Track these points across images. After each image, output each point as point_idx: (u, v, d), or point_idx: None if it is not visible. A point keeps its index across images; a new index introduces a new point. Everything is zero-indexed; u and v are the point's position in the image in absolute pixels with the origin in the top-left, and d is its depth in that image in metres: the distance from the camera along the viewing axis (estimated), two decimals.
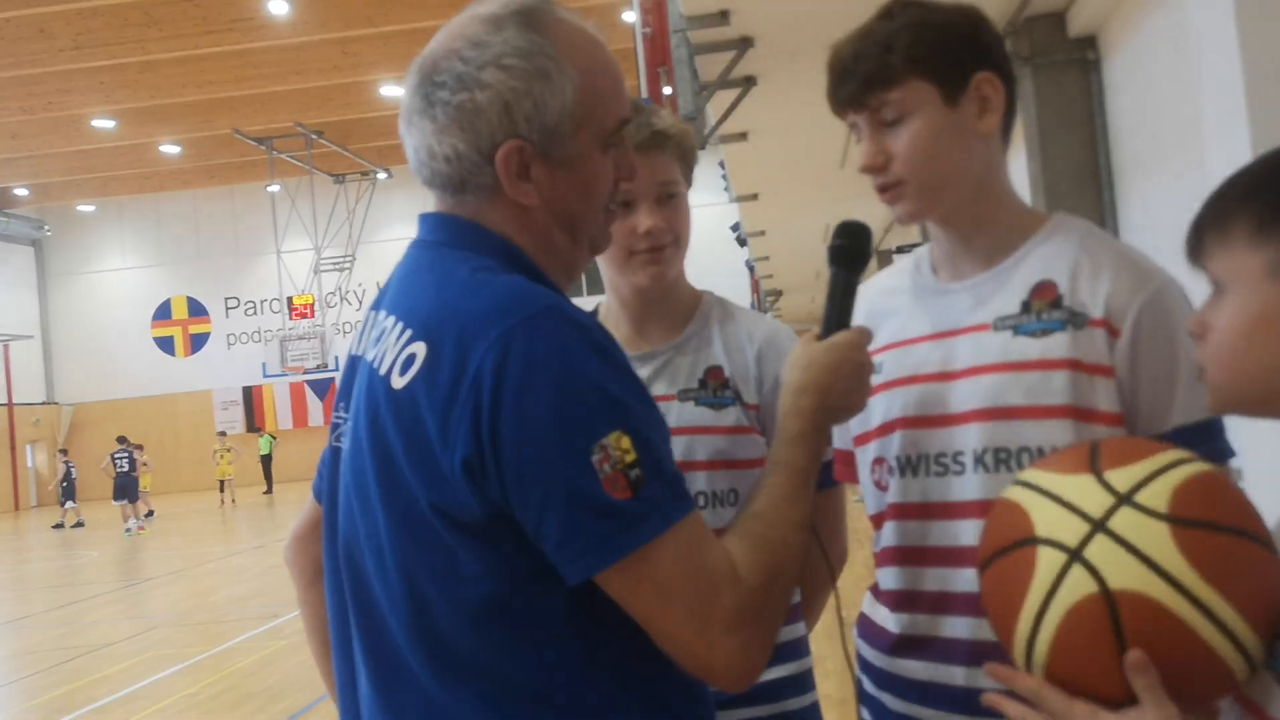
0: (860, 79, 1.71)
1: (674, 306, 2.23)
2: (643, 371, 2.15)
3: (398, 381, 1.44)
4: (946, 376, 1.77)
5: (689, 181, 2.21)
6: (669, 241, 2.12)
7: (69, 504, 27.35)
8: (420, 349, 1.43)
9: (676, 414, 2.12)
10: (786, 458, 1.57)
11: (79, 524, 27.03)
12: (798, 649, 2.21)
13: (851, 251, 1.76)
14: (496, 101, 1.46)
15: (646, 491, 1.36)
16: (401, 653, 1.46)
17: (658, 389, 2.15)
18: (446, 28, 1.54)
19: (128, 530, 23.40)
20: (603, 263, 2.17)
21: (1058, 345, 1.68)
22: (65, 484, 27.74)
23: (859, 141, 1.78)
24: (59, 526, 26.86)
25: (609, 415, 1.36)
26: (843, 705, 5.83)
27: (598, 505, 1.34)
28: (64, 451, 30.29)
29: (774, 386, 2.10)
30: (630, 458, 1.36)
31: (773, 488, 1.53)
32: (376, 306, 1.61)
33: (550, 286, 1.53)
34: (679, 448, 2.06)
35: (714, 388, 2.14)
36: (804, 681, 2.20)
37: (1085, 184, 8.59)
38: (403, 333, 1.47)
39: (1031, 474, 1.37)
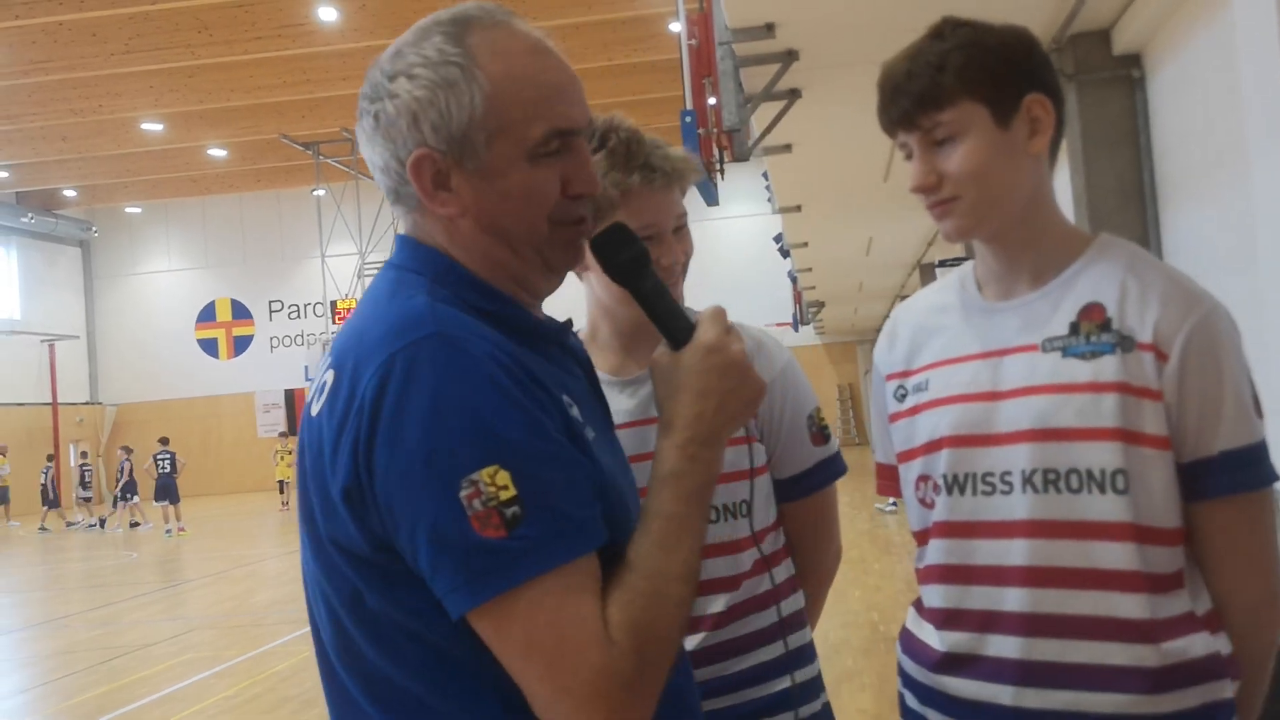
0: (912, 98, 1.72)
1: None
2: (633, 400, 2.14)
3: (314, 410, 1.42)
4: (995, 396, 1.77)
5: None
6: (680, 270, 2.16)
7: (46, 508, 27.72)
8: (330, 376, 1.40)
9: None
10: (655, 506, 1.42)
11: (71, 524, 27.31)
12: (805, 654, 2.19)
13: (629, 264, 1.58)
14: (405, 111, 1.44)
15: (524, 530, 1.27)
16: (342, 680, 1.43)
17: (652, 413, 2.08)
18: None
19: (168, 532, 23.57)
20: (599, 290, 2.16)
21: (1107, 368, 1.69)
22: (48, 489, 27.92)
23: (908, 159, 1.79)
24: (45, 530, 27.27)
25: (484, 448, 1.28)
26: None
27: (463, 543, 1.27)
28: (50, 457, 30.15)
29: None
30: (507, 494, 1.27)
31: (647, 535, 1.40)
32: None
33: (507, 302, 1.48)
34: None
35: None
36: (815, 688, 2.19)
37: (1129, 202, 8.52)
38: (325, 360, 1.45)
39: None
